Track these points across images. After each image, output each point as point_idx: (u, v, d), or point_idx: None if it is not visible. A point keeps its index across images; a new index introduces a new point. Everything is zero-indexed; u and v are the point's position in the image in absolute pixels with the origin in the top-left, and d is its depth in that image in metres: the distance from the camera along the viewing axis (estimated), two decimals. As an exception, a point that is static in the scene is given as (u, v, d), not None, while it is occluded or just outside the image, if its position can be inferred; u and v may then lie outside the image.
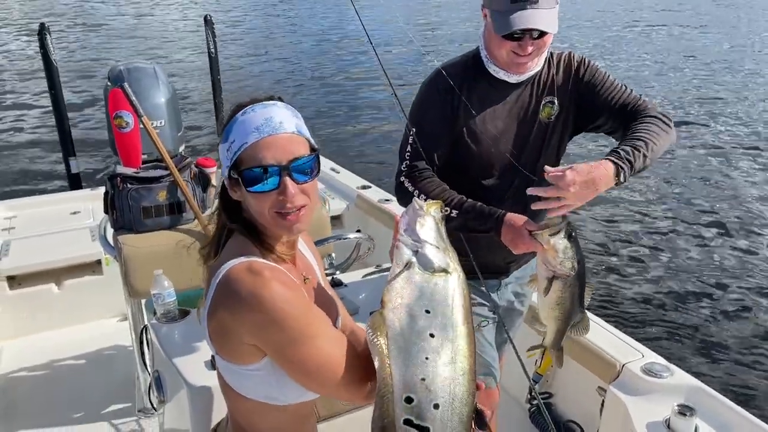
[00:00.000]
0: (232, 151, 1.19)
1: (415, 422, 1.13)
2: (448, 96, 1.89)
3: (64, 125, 4.97)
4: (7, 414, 3.08)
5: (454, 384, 1.15)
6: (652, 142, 1.75)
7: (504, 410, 2.93)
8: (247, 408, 1.25)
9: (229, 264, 1.16)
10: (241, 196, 1.22)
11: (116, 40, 19.21)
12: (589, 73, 1.97)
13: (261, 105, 1.21)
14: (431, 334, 1.14)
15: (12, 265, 3.57)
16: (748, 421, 2.13)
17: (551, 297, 1.68)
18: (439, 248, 1.19)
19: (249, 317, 1.12)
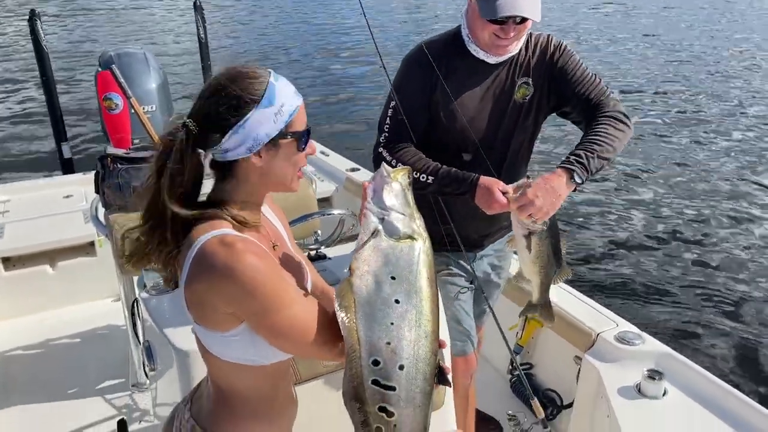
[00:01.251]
0: (287, 113, 1.23)
1: (382, 383, 1.19)
2: (427, 72, 1.96)
3: (56, 111, 5.01)
4: (5, 390, 3.16)
5: (418, 346, 1.21)
6: (607, 144, 1.84)
7: (487, 381, 3.04)
8: (225, 370, 1.32)
9: (203, 238, 1.20)
10: (263, 162, 1.24)
11: (106, 26, 19.23)
12: (562, 59, 2.04)
13: (273, 74, 1.27)
14: (396, 300, 1.19)
15: (7, 247, 3.65)
16: (715, 384, 2.23)
17: (530, 253, 1.77)
18: (405, 215, 1.23)
19: (224, 288, 1.17)
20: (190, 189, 1.25)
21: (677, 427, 2.10)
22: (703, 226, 6.52)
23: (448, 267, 2.18)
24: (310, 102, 10.64)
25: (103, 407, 3.03)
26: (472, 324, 2.24)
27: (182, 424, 1.40)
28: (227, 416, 1.34)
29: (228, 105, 1.21)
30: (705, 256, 5.91)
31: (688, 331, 4.77)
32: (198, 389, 1.48)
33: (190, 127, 1.21)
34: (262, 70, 1.27)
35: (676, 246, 6.14)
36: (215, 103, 1.22)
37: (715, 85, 12.48)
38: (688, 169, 8.17)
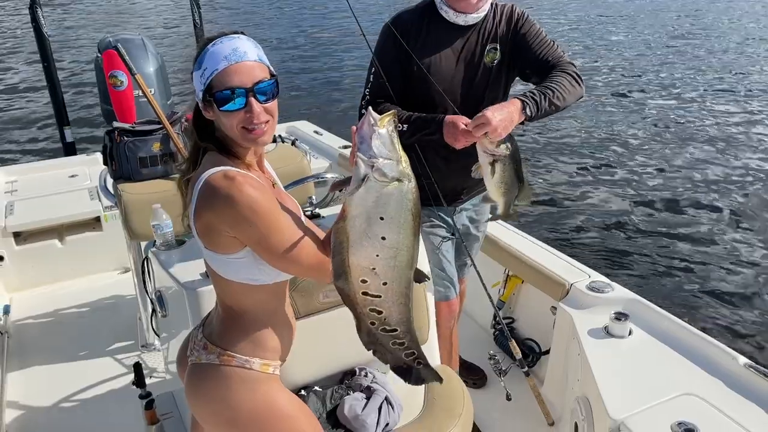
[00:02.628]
0: (205, 77, 1.42)
1: (369, 293, 1.39)
2: (402, 38, 2.16)
3: (58, 96, 5.19)
4: (20, 356, 3.37)
5: (398, 269, 1.37)
6: (558, 91, 2.04)
7: (472, 335, 3.27)
8: (233, 289, 1.53)
9: (207, 173, 1.41)
10: (214, 116, 1.45)
11: (103, 14, 19.37)
12: (524, 26, 2.24)
13: (227, 38, 1.44)
14: (383, 237, 1.33)
15: (17, 222, 3.84)
16: (675, 323, 2.45)
17: (497, 178, 1.97)
18: (392, 159, 1.31)
19: (228, 214, 1.38)
20: (207, 126, 1.49)
21: (641, 362, 2.31)
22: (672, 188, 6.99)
23: (430, 219, 2.39)
24: (302, 84, 10.99)
25: (114, 367, 3.23)
26: (453, 271, 2.45)
27: (195, 344, 1.61)
28: (235, 332, 1.56)
29: None
30: (674, 215, 6.37)
31: (654, 279, 5.19)
32: (208, 317, 1.69)
33: None
34: (212, 36, 1.46)
35: (648, 205, 6.61)
36: None
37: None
38: (659, 133, 8.78)
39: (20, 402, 3.00)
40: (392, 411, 1.96)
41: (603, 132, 8.84)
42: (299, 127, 5.07)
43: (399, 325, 1.45)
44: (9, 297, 3.85)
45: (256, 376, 1.55)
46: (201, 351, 1.57)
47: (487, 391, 2.92)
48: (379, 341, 1.46)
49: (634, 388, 2.18)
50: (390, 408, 1.96)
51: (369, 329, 1.44)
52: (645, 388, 2.17)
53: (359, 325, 1.43)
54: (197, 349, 1.59)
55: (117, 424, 2.71)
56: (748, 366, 2.19)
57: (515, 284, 3.14)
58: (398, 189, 1.31)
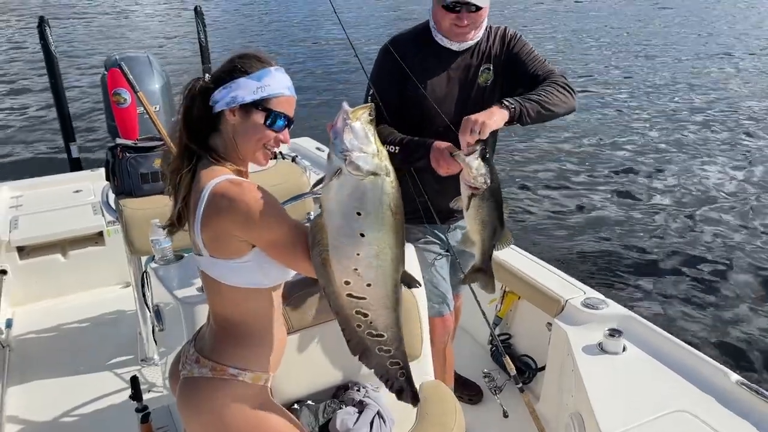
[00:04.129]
0: (265, 92, 1.50)
1: (355, 295, 1.37)
2: (398, 61, 2.20)
3: (65, 112, 5.27)
4: (21, 369, 3.40)
5: (382, 269, 1.34)
6: (545, 98, 2.06)
7: (469, 352, 3.29)
8: (231, 297, 1.56)
9: (212, 183, 1.45)
10: (237, 121, 1.51)
11: (111, 31, 19.77)
12: (516, 46, 2.29)
13: (281, 69, 1.56)
14: (362, 234, 1.29)
15: (21, 237, 3.89)
16: (669, 340, 2.47)
17: (472, 212, 1.96)
18: (366, 152, 1.26)
19: (238, 216, 1.42)
20: (202, 130, 1.54)
21: (634, 378, 2.32)
22: (669, 204, 7.06)
23: (425, 236, 2.42)
24: (306, 102, 11.15)
25: (113, 381, 3.26)
26: (447, 288, 2.47)
27: (188, 358, 1.64)
28: (228, 344, 1.58)
29: (228, 69, 1.52)
30: (668, 229, 6.43)
31: (650, 296, 5.22)
32: (200, 331, 1.72)
33: (205, 80, 1.53)
34: (271, 60, 1.57)
35: (645, 221, 6.65)
36: (222, 68, 1.54)
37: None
38: (656, 148, 8.90)
39: (20, 416, 3.03)
40: (384, 425, 1.98)
41: (598, 148, 8.96)
42: (301, 144, 5.11)
43: (386, 331, 1.43)
44: (12, 311, 3.89)
45: (247, 388, 1.58)
46: (193, 365, 1.60)
47: (483, 407, 2.93)
48: (365, 345, 1.44)
49: (627, 404, 2.19)
50: (382, 422, 1.97)
51: (354, 331, 1.42)
52: (638, 404, 2.19)
53: (345, 326, 1.42)
54: (189, 363, 1.62)
55: None
56: (741, 383, 2.20)
57: (512, 300, 3.16)
58: (374, 183, 1.27)
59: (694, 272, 5.56)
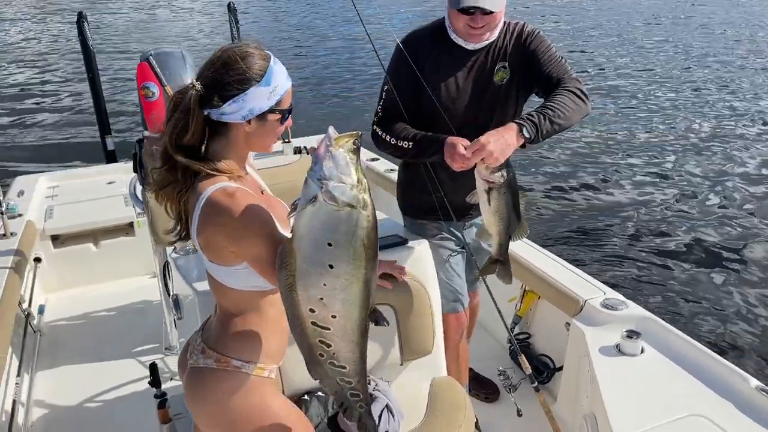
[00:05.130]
0: (278, 94, 1.51)
1: (319, 324, 1.33)
2: (413, 58, 2.19)
3: (101, 106, 5.41)
4: (52, 353, 3.51)
5: (348, 303, 1.30)
6: (559, 110, 2.02)
7: (487, 349, 3.27)
8: (234, 297, 1.59)
9: (208, 191, 1.46)
10: (252, 129, 1.50)
11: (149, 26, 20.26)
12: (534, 43, 2.24)
13: (275, 58, 1.53)
14: (330, 266, 1.25)
15: (55, 226, 4.01)
16: (689, 343, 2.42)
17: (489, 206, 1.96)
18: (345, 183, 1.21)
19: (226, 228, 1.43)
20: (196, 143, 1.50)
21: (650, 380, 2.29)
22: (697, 206, 6.97)
23: (440, 232, 2.42)
24: (332, 100, 11.34)
25: (137, 369, 3.34)
26: (461, 284, 2.46)
27: (194, 348, 1.67)
28: (232, 337, 1.61)
29: (235, 78, 1.47)
30: (696, 232, 6.32)
31: (671, 298, 5.13)
32: (207, 321, 1.75)
33: (197, 89, 1.46)
34: (266, 53, 1.53)
35: (671, 222, 6.58)
36: (225, 74, 1.47)
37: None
38: (680, 141, 8.93)
39: (47, 399, 3.12)
40: (392, 419, 1.99)
41: (622, 145, 8.86)
42: None
43: (348, 363, 1.39)
44: (45, 297, 4.01)
45: (251, 380, 1.60)
46: (199, 355, 1.63)
47: (498, 405, 2.92)
48: (327, 374, 1.41)
49: (642, 406, 2.16)
50: (390, 416, 1.98)
51: (318, 360, 1.38)
52: (653, 407, 2.15)
53: (307, 354, 1.37)
54: (196, 353, 1.65)
55: (135, 422, 2.80)
56: (760, 389, 2.15)
57: (532, 299, 3.14)
58: (349, 215, 1.22)
59: (719, 277, 5.45)
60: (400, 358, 2.16)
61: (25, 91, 12.63)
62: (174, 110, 1.49)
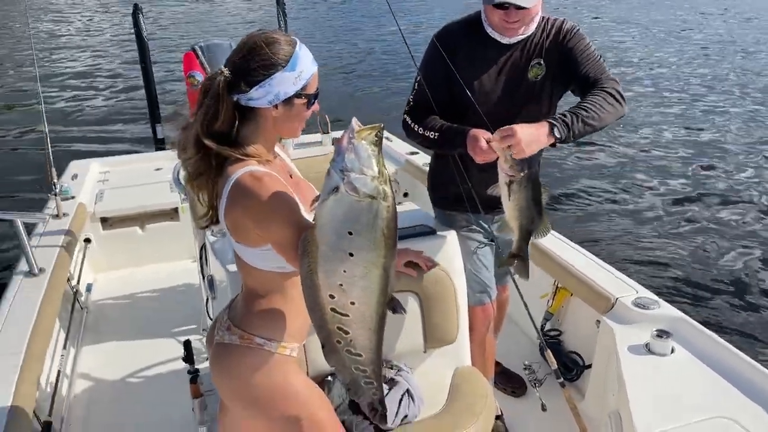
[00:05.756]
0: (304, 78, 1.55)
1: (338, 311, 1.36)
2: (447, 51, 2.21)
3: (152, 94, 5.61)
4: (97, 330, 3.67)
5: (368, 290, 1.34)
6: (593, 110, 2.00)
7: (517, 344, 3.27)
8: (262, 278, 1.65)
9: (236, 174, 1.51)
10: (279, 114, 1.55)
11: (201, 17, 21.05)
12: (572, 41, 2.22)
13: (300, 43, 1.57)
14: (350, 254, 1.29)
15: (105, 209, 4.19)
16: (721, 345, 2.37)
17: (510, 198, 1.97)
18: (366, 174, 1.25)
19: (251, 211, 1.48)
20: (226, 129, 1.54)
21: (679, 381, 2.25)
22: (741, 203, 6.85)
23: (469, 224, 2.43)
24: (377, 93, 11.45)
25: (175, 347, 3.46)
26: (489, 276, 2.47)
27: (221, 325, 1.74)
28: (256, 315, 1.67)
29: (261, 64, 1.51)
30: (737, 231, 6.21)
31: (706, 300, 5.03)
32: (234, 300, 1.82)
33: (225, 75, 1.51)
34: (292, 39, 1.57)
35: (716, 220, 6.48)
36: (252, 60, 1.51)
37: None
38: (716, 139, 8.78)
39: (90, 372, 3.27)
40: (412, 404, 2.02)
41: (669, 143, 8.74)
42: None
43: (364, 352, 1.42)
44: (94, 277, 4.19)
45: (273, 357, 1.66)
46: (225, 332, 1.70)
47: (524, 400, 2.91)
48: (343, 361, 1.44)
49: (668, 406, 2.14)
50: (411, 401, 2.02)
51: (335, 347, 1.41)
52: (679, 407, 2.12)
53: (325, 341, 1.41)
54: (222, 329, 1.72)
55: (170, 397, 2.91)
56: None
57: (564, 296, 3.12)
58: (369, 206, 1.26)
59: (760, 281, 5.31)
60: (423, 345, 2.19)
61: (83, 80, 13.16)
62: (204, 96, 1.54)
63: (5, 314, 2.81)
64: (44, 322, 2.80)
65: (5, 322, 2.75)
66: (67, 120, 10.16)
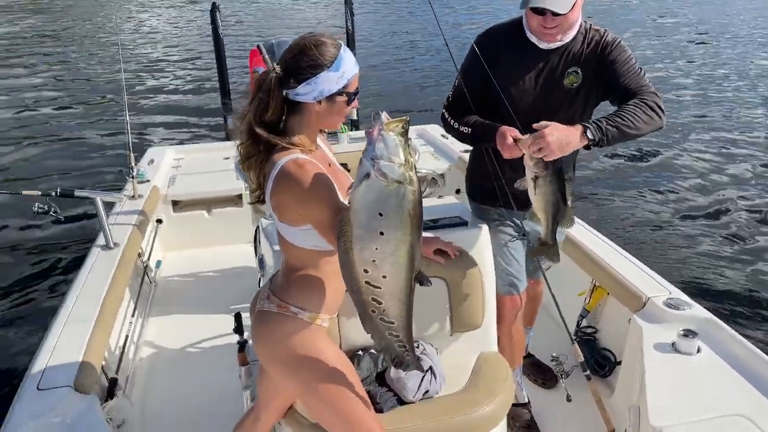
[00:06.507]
0: (346, 78, 1.73)
1: (371, 283, 1.53)
2: (486, 54, 2.31)
3: (225, 87, 5.97)
4: (164, 303, 4.00)
5: (397, 265, 1.50)
6: (629, 119, 2.06)
7: (552, 338, 3.34)
8: (299, 254, 1.84)
9: (282, 161, 1.71)
10: (322, 109, 1.73)
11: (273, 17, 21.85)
12: (613, 53, 2.27)
13: (344, 47, 1.76)
14: (381, 233, 1.46)
15: (175, 192, 4.53)
16: (748, 349, 2.40)
17: (536, 193, 2.07)
18: (394, 162, 1.40)
19: (296, 193, 1.67)
20: (275, 120, 1.75)
21: (700, 379, 2.30)
22: None
23: (501, 218, 2.54)
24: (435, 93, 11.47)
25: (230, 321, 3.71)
26: (519, 269, 2.56)
27: (262, 295, 1.94)
28: (293, 287, 1.87)
29: (309, 64, 1.69)
30: None
31: (744, 304, 4.95)
32: (276, 274, 2.02)
33: (277, 72, 1.71)
34: (338, 42, 1.76)
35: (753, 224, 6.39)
36: (301, 60, 1.70)
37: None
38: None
39: (153, 340, 3.59)
40: (434, 381, 2.17)
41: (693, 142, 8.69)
42: (428, 130, 5.37)
43: (396, 320, 1.58)
44: (163, 254, 4.53)
45: (305, 325, 1.85)
46: (265, 300, 1.90)
47: (554, 391, 3.01)
48: (377, 328, 1.60)
49: (685, 401, 2.20)
50: (433, 377, 2.17)
51: (370, 316, 1.58)
52: (695, 403, 2.19)
53: (361, 310, 1.57)
54: (263, 298, 1.92)
55: (221, 364, 3.16)
56: None
57: (601, 295, 3.18)
58: (397, 190, 1.42)
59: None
60: (450, 329, 2.33)
61: (164, 73, 13.96)
62: (258, 90, 1.74)
63: (83, 282, 3.14)
64: (115, 290, 3.10)
65: (82, 288, 3.07)
66: (149, 110, 10.81)
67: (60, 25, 21.03)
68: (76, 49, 16.72)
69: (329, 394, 1.87)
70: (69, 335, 2.66)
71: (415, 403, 2.14)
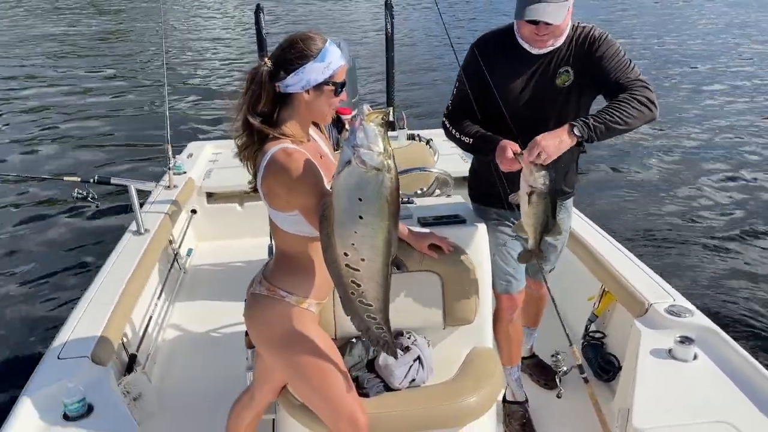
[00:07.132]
0: (331, 69, 1.84)
1: (351, 266, 1.62)
2: (483, 59, 2.37)
3: (266, 87, 6.13)
4: (193, 288, 4.19)
5: (374, 248, 1.59)
6: (617, 113, 2.09)
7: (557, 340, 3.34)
8: (288, 238, 1.96)
9: (272, 150, 1.82)
10: (310, 98, 1.84)
11: (318, 19, 22.38)
12: (601, 48, 2.29)
13: (332, 42, 1.87)
14: (360, 216, 1.55)
15: (210, 185, 4.73)
16: (745, 359, 2.39)
17: (529, 208, 2.11)
18: (373, 151, 1.49)
19: (283, 179, 1.78)
20: (268, 111, 1.87)
21: (692, 386, 2.30)
22: None
23: (501, 219, 2.58)
24: None
25: None
26: (517, 268, 2.59)
27: (256, 279, 2.07)
28: (282, 272, 1.99)
29: (297, 55, 1.82)
30: None
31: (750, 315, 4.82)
32: (270, 260, 2.14)
33: (268, 65, 1.84)
34: (324, 38, 1.87)
35: None
36: (289, 52, 1.83)
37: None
38: None
39: (178, 324, 3.77)
40: (422, 370, 2.25)
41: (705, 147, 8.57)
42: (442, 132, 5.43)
43: (374, 302, 1.67)
44: (196, 244, 4.73)
45: (293, 309, 1.97)
46: (257, 284, 2.03)
47: (554, 392, 3.02)
48: (356, 311, 1.69)
49: (672, 406, 2.21)
50: (420, 367, 2.25)
51: (349, 298, 1.67)
52: (682, 408, 2.20)
53: (341, 292, 1.67)
54: (256, 282, 2.05)
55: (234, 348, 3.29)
56: None
57: (610, 300, 3.18)
58: (376, 176, 1.52)
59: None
60: (443, 322, 2.40)
61: (208, 71, 14.46)
62: (251, 83, 1.86)
63: (112, 263, 3.34)
64: (141, 272, 3.29)
65: (111, 270, 3.27)
66: (194, 107, 11.25)
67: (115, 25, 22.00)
68: (131, 47, 17.45)
69: (313, 375, 1.98)
70: (92, 312, 2.85)
71: (401, 390, 2.22)
